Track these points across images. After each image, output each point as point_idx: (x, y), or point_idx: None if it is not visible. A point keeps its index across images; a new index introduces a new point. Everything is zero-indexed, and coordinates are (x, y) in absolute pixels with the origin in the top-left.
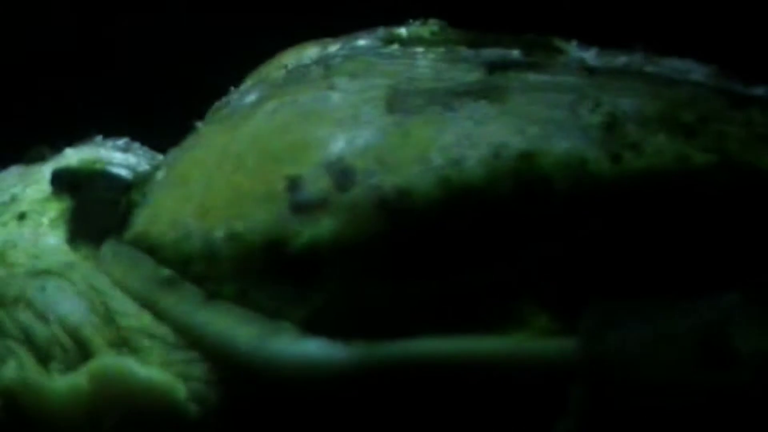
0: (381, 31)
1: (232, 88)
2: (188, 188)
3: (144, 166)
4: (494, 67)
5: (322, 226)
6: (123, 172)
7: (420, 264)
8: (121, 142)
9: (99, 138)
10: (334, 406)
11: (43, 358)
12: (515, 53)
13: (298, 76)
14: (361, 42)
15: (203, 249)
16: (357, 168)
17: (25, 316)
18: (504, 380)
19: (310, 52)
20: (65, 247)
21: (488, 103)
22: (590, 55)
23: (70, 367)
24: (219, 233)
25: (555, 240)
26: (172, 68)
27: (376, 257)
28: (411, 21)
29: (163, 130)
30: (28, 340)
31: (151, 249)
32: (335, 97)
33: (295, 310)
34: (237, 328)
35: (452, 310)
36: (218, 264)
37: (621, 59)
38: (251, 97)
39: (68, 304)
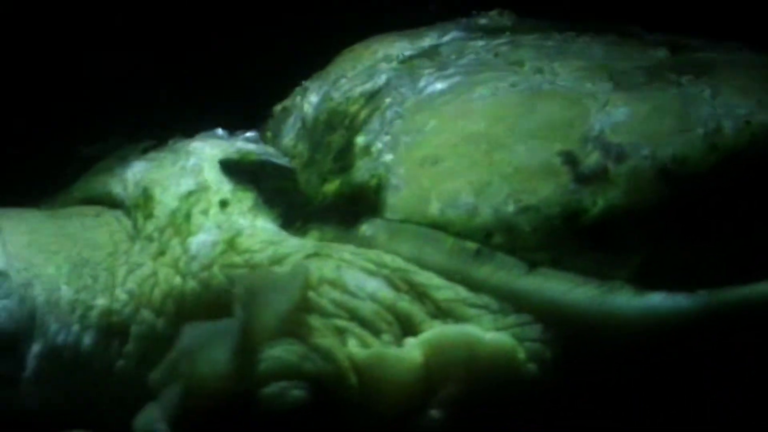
0: (465, 21)
1: (305, 82)
2: (444, 168)
3: (281, 157)
4: (675, 47)
5: (611, 195)
6: (282, 162)
7: (713, 221)
8: (251, 134)
9: (219, 131)
10: (665, 354)
11: (374, 333)
12: (612, 37)
13: (470, 63)
14: (456, 33)
15: (498, 222)
16: (622, 141)
17: (338, 295)
18: None
19: (400, 44)
20: (285, 232)
21: (709, 78)
22: (660, 38)
23: (397, 339)
24: (509, 207)
25: None
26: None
27: (672, 218)
28: (475, 12)
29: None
30: (354, 317)
31: (434, 225)
32: (553, 78)
33: (615, 271)
34: (574, 290)
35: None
36: (519, 235)
37: (696, 41)
38: (438, 86)
39: (371, 282)
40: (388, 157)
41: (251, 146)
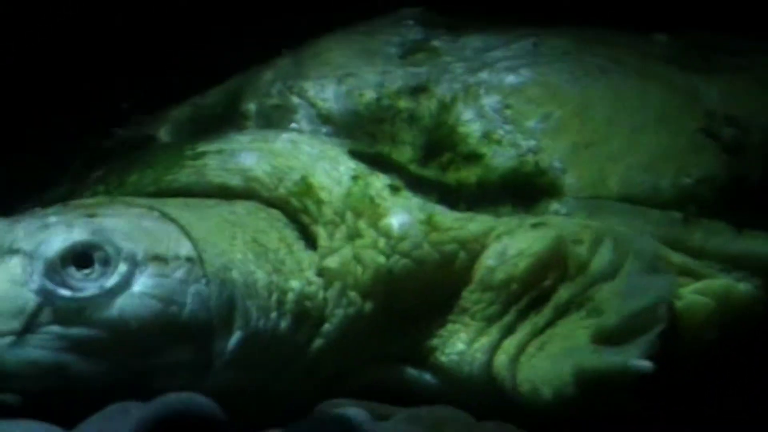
0: (411, 17)
1: (288, 82)
2: (600, 152)
3: None
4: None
5: (759, 162)
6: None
7: None
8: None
9: (294, 124)
10: None
11: None
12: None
13: (512, 56)
14: (423, 29)
15: (683, 194)
16: (739, 115)
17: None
18: None
19: (373, 43)
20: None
21: (743, 58)
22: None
23: None
24: (687, 180)
25: None
26: None
27: None
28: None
29: None
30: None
31: (625, 200)
32: (628, 63)
33: None
34: None
35: None
36: (704, 203)
37: None
38: (513, 78)
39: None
40: (529, 144)
41: (341, 139)
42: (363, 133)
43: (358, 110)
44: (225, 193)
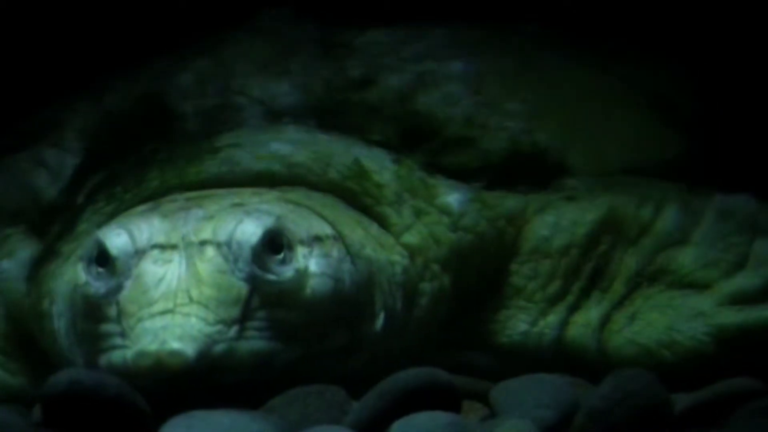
0: (284, 18)
1: (237, 86)
2: (584, 133)
3: None
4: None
5: (702, 134)
6: None
7: None
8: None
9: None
10: None
11: None
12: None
13: (436, 47)
14: (315, 28)
15: (668, 166)
16: (663, 93)
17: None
18: None
19: (281, 44)
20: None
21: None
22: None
23: None
24: (669, 153)
25: None
26: None
27: None
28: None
29: None
30: None
31: (628, 174)
32: (550, 54)
33: None
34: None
35: None
36: (690, 173)
37: None
38: (462, 65)
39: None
40: (518, 126)
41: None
42: (327, 125)
43: (313, 104)
44: (265, 181)
